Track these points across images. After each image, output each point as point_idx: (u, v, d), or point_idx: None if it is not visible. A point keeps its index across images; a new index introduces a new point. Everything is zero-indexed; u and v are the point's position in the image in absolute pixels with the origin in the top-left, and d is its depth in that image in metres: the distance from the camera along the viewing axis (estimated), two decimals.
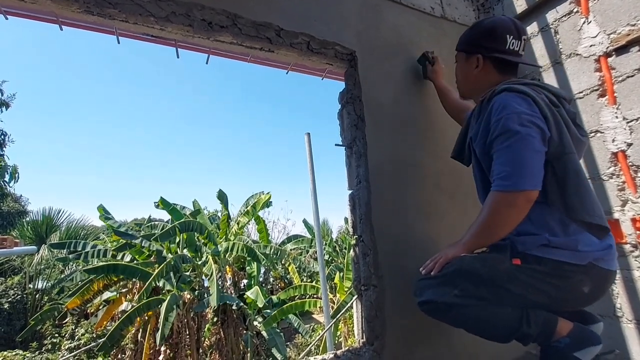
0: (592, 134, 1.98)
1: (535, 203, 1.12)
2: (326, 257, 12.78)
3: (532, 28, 2.28)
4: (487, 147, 1.20)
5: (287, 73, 2.41)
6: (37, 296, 12.36)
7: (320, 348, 8.59)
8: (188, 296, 8.39)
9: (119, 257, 8.91)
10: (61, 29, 1.75)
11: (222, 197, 9.83)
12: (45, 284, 12.62)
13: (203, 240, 9.20)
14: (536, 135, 1.10)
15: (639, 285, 1.78)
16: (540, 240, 1.13)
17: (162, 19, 1.34)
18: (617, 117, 1.88)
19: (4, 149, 12.23)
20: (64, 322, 10.82)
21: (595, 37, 1.96)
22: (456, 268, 1.16)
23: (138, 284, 8.39)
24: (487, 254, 1.26)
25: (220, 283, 8.56)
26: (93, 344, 8.69)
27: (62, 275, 11.40)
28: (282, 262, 11.17)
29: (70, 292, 8.54)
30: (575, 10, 2.06)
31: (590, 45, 1.99)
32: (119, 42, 1.89)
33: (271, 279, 14.33)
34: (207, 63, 2.10)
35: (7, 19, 1.65)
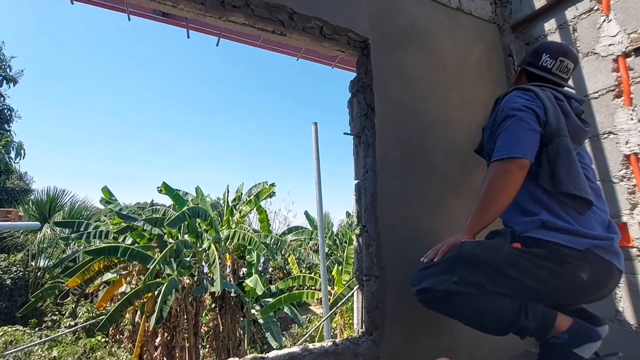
0: (605, 136, 1.95)
1: (531, 183, 1.20)
2: (326, 250, 12.82)
3: (550, 25, 2.23)
4: (494, 133, 1.31)
5: (297, 60, 2.38)
6: (38, 274, 12.52)
7: (316, 339, 8.67)
8: (187, 281, 8.46)
9: (120, 240, 8.99)
10: (72, 3, 1.73)
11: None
12: (47, 262, 12.77)
13: (205, 227, 9.24)
14: (531, 117, 1.21)
15: None
16: (537, 221, 1.16)
17: None
18: (632, 118, 1.84)
19: (11, 124, 12.25)
20: (65, 300, 10.97)
21: (615, 36, 1.91)
22: (456, 254, 1.17)
23: (138, 267, 8.46)
24: (488, 240, 1.28)
25: (220, 269, 8.62)
26: (92, 321, 8.81)
27: (64, 255, 11.53)
28: (282, 253, 11.22)
29: (71, 270, 8.62)
30: (595, 7, 2.01)
31: (609, 45, 1.94)
32: (129, 19, 1.87)
33: (270, 269, 14.43)
34: (217, 45, 2.08)
35: None
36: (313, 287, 9.04)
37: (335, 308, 6.05)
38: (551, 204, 1.17)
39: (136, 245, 8.46)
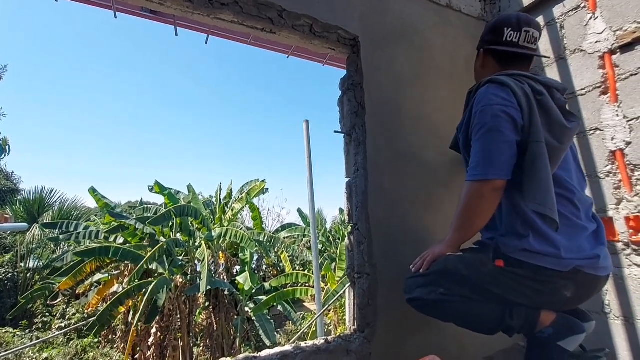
0: (592, 132, 1.98)
1: (516, 194, 1.16)
2: (320, 246, 12.85)
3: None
4: (469, 139, 1.25)
5: (287, 57, 2.37)
6: (28, 275, 12.32)
7: (309, 335, 8.70)
8: (180, 280, 8.41)
9: (111, 239, 8.88)
10: (56, 0, 1.69)
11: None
12: (36, 263, 12.57)
13: (197, 225, 9.18)
14: (507, 125, 1.12)
15: (629, 283, 1.80)
16: (522, 245, 1.12)
17: None
18: (617, 115, 1.87)
19: None
20: (56, 302, 10.82)
21: (601, 33, 1.94)
22: (440, 268, 1.21)
23: (130, 267, 8.38)
24: (472, 253, 1.27)
25: (213, 268, 8.58)
26: (83, 322, 8.71)
27: (54, 255, 11.35)
28: (275, 250, 11.21)
29: (62, 272, 8.50)
30: (582, 5, 2.03)
31: (596, 42, 1.96)
32: (115, 17, 1.84)
33: (264, 267, 14.42)
34: (206, 43, 2.05)
35: None
36: (307, 284, 9.06)
37: (328, 305, 6.07)
38: (536, 222, 1.12)
39: (128, 245, 8.37)
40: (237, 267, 10.01)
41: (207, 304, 9.07)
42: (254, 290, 8.58)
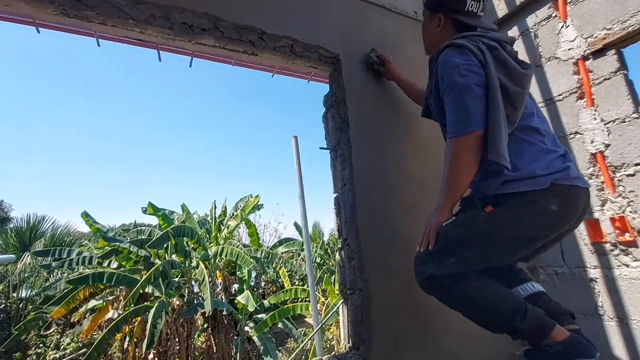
0: (572, 136, 2.02)
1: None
2: (318, 259, 12.74)
3: (513, 32, 2.32)
4: (441, 102, 1.32)
5: (272, 76, 2.40)
6: (21, 305, 12.00)
7: (310, 352, 8.54)
8: (177, 302, 8.25)
9: (105, 264, 8.72)
10: (38, 32, 1.71)
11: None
12: (29, 292, 12.27)
13: (193, 245, 9.07)
14: (474, 81, 1.20)
15: (620, 284, 1.81)
16: (500, 179, 1.19)
17: (142, 21, 1.32)
18: (595, 118, 1.92)
19: None
20: (49, 332, 10.52)
21: (573, 40, 2.01)
22: (445, 243, 1.20)
23: (125, 292, 8.22)
24: (462, 215, 1.28)
25: (210, 288, 8.44)
26: (80, 352, 8.46)
27: (47, 284, 11.10)
28: (274, 266, 11.09)
29: (55, 300, 8.30)
30: (553, 14, 2.11)
31: (569, 49, 2.03)
32: (99, 45, 1.86)
33: (263, 283, 14.22)
34: (190, 66, 2.08)
35: None
36: (307, 299, 8.94)
37: (325, 319, 5.98)
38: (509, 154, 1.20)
39: (122, 269, 8.23)
40: (235, 286, 9.86)
41: (205, 325, 8.88)
42: (253, 309, 8.43)
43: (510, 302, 1.17)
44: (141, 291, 7.28)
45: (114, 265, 8.62)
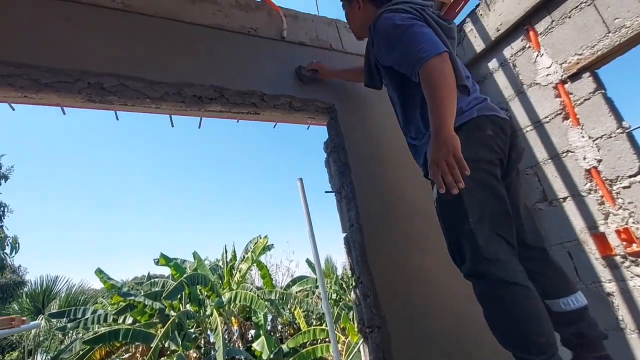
0: (564, 154, 2.11)
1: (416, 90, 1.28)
2: (334, 296, 12.45)
3: (493, 64, 2.50)
4: (393, 56, 1.32)
5: (274, 127, 2.57)
6: None
7: None
8: (194, 355, 8.05)
9: (120, 321, 8.63)
10: (64, 113, 1.90)
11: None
12: (45, 357, 12.03)
13: (206, 293, 8.99)
14: (419, 22, 1.28)
15: (636, 295, 1.82)
16: None
17: (157, 99, 1.49)
18: (583, 136, 2.02)
19: (3, 220, 12.22)
20: None
21: (550, 67, 2.16)
22: (451, 234, 1.21)
23: (142, 347, 8.06)
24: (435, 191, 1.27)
25: (226, 336, 8.25)
26: None
27: (62, 346, 10.90)
28: (289, 307, 10.85)
29: None
30: (527, 45, 2.28)
31: (547, 75, 2.18)
32: (117, 119, 2.04)
33: (279, 326, 13.81)
34: (199, 127, 2.25)
35: (13, 109, 1.79)
36: (327, 340, 8.66)
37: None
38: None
39: (137, 324, 8.13)
40: (252, 331, 9.62)
41: None
42: (272, 356, 8.17)
43: (543, 335, 1.03)
44: (160, 346, 7.14)
45: (129, 320, 8.52)
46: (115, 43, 1.51)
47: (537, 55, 2.23)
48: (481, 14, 2.52)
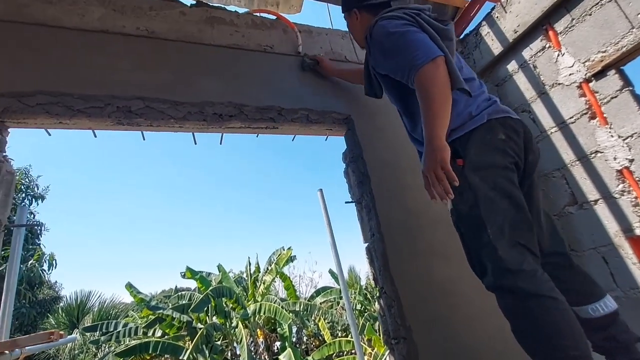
0: (593, 155, 2.03)
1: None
2: (358, 306, 12.26)
3: (512, 66, 2.45)
4: (388, 65, 1.33)
5: (292, 140, 2.61)
6: None
7: None
8: None
9: (149, 334, 8.84)
10: (95, 136, 2.02)
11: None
12: None
13: (231, 305, 9.08)
14: (413, 29, 1.27)
15: None
16: (455, 123, 1.24)
17: (180, 119, 1.56)
18: (612, 136, 1.94)
19: (41, 238, 12.91)
20: None
21: (572, 66, 2.10)
22: (470, 246, 1.18)
23: None
24: (457, 201, 1.20)
25: (252, 348, 8.27)
26: None
27: (96, 359, 11.26)
28: (313, 318, 10.77)
29: None
30: (547, 45, 2.23)
31: (569, 74, 2.12)
32: (144, 139, 2.14)
33: (305, 338, 13.71)
34: (220, 143, 2.33)
35: (49, 135, 1.92)
36: (353, 352, 8.50)
37: None
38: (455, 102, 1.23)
39: (166, 337, 8.30)
40: (278, 343, 9.60)
41: None
42: None
43: (576, 348, 0.98)
44: (191, 358, 7.25)
45: (159, 333, 8.71)
46: (141, 68, 1.61)
47: (558, 55, 2.17)
48: (497, 17, 2.49)
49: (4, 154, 1.35)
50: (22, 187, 12.42)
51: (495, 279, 1.07)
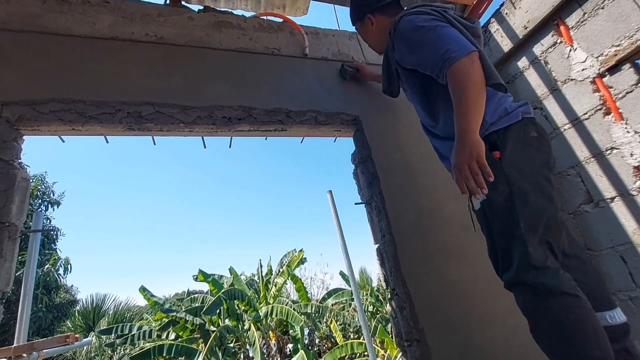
0: (608, 151, 1.98)
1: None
2: (370, 308, 12.19)
3: (522, 62, 2.41)
4: (416, 58, 1.29)
5: (301, 142, 2.62)
6: None
7: None
8: None
9: (163, 336, 8.95)
10: (107, 142, 2.05)
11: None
12: None
13: (243, 307, 9.13)
14: (442, 24, 1.25)
15: None
16: (491, 119, 1.22)
17: (190, 123, 1.57)
18: (628, 132, 1.88)
19: (57, 243, 13.20)
20: None
21: (585, 61, 2.05)
22: (498, 239, 1.13)
23: None
24: (490, 194, 1.15)
25: (265, 350, 8.30)
26: None
27: None
28: (325, 320, 10.74)
29: None
30: (558, 40, 2.19)
31: (582, 69, 2.07)
32: (155, 144, 2.17)
33: (317, 340, 13.68)
34: (230, 147, 2.34)
35: (63, 141, 1.96)
36: (365, 354, 8.45)
37: None
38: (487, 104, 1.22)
39: (179, 340, 8.38)
40: (290, 345, 9.60)
41: None
42: None
43: (599, 348, 0.95)
44: None
45: (172, 336, 8.81)
46: (150, 73, 1.63)
47: (570, 50, 2.13)
48: (506, 13, 2.45)
49: (20, 160, 1.38)
50: (39, 194, 12.73)
51: (517, 274, 1.06)
